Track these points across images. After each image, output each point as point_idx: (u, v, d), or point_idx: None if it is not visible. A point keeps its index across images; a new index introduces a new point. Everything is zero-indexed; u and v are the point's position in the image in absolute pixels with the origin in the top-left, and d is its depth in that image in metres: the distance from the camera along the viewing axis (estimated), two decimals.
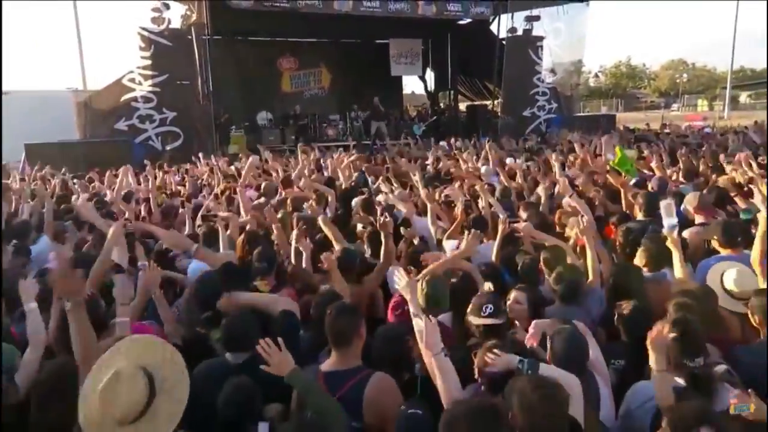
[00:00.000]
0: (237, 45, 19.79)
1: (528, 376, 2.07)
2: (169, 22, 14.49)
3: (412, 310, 2.50)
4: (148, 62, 14.17)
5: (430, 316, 2.43)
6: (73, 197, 6.96)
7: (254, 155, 9.16)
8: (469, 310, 2.83)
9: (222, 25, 16.04)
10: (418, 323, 2.36)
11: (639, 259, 3.72)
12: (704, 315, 2.72)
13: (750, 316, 2.86)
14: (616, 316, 2.91)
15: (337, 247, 4.15)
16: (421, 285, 3.15)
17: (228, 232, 4.47)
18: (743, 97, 46.44)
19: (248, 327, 2.74)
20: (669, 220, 3.93)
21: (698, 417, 1.86)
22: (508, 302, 3.07)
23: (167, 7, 14.41)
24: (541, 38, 19.13)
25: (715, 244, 3.99)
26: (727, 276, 3.20)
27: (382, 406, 2.31)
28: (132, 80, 14.20)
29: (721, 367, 2.43)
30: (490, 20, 19.14)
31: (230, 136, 16.90)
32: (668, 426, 1.89)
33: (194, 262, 4.02)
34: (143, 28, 14.11)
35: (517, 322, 3.09)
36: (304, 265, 3.89)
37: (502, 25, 18.87)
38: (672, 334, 2.34)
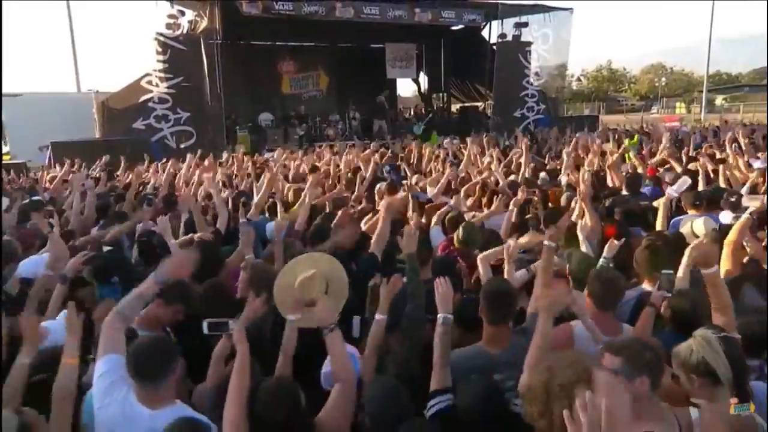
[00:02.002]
0: (240, 49, 20.65)
1: None
2: (184, 28, 15.36)
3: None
4: (165, 65, 15.02)
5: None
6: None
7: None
8: None
9: (227, 31, 16.92)
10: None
11: None
12: (674, 248, 3.74)
13: None
14: None
15: None
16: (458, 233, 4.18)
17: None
18: (719, 100, 48.21)
19: None
20: (671, 190, 4.99)
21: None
22: None
23: (182, 13, 15.32)
24: (529, 43, 20.29)
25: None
26: (696, 224, 4.24)
27: None
28: (149, 82, 15.07)
29: None
30: (482, 26, 20.19)
31: (237, 135, 17.77)
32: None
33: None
34: (160, 34, 14.98)
35: None
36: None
37: (493, 31, 20.07)
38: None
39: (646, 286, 3.40)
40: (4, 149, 18.66)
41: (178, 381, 2.35)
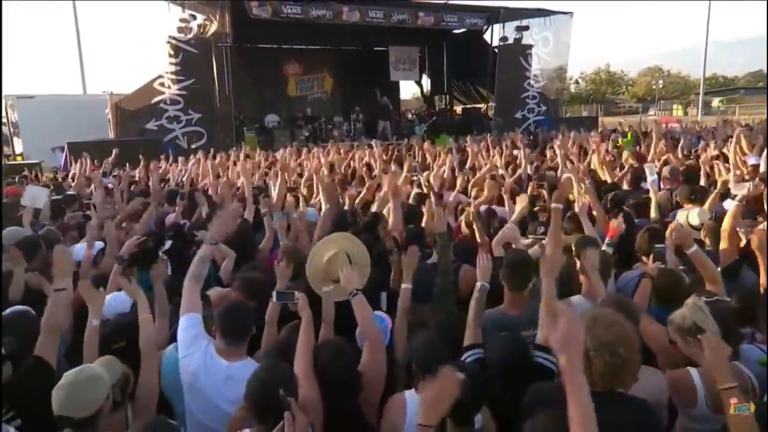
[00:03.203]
0: (247, 52, 20.97)
1: None
2: (195, 32, 15.70)
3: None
4: (177, 68, 15.36)
5: None
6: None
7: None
8: None
9: (236, 34, 17.25)
10: None
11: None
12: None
13: (702, 236, 4.21)
14: None
15: None
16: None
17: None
18: (715, 102, 48.58)
19: None
20: (651, 176, 5.33)
21: None
22: None
23: (194, 17, 15.66)
24: (530, 46, 20.66)
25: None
26: (691, 214, 4.55)
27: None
28: (161, 84, 15.41)
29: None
30: (483, 30, 20.58)
31: (245, 136, 18.09)
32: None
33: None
34: (172, 37, 15.31)
35: None
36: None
37: (495, 35, 20.42)
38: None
39: (645, 264, 3.72)
40: (17, 150, 18.98)
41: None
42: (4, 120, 21.41)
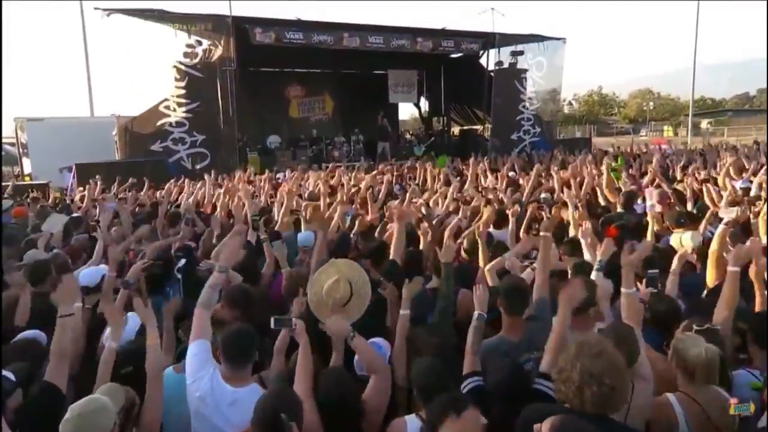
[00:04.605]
0: (250, 75, 21.14)
1: None
2: (201, 56, 15.88)
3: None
4: (182, 91, 15.49)
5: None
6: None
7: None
8: None
9: (240, 58, 17.41)
10: None
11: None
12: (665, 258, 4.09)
13: (694, 259, 4.24)
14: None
15: None
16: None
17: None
18: (704, 123, 48.98)
19: None
20: (650, 201, 5.39)
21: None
22: None
23: (200, 43, 15.85)
24: (525, 70, 20.86)
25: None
26: (684, 238, 4.59)
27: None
28: (167, 107, 15.52)
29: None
30: (479, 54, 20.76)
31: (248, 156, 18.17)
32: None
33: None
34: (179, 62, 15.47)
35: None
36: None
37: (490, 59, 20.55)
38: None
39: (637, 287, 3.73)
40: (26, 170, 19.04)
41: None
42: (11, 141, 21.58)
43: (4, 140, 24.27)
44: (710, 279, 3.74)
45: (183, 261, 4.43)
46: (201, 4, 17.65)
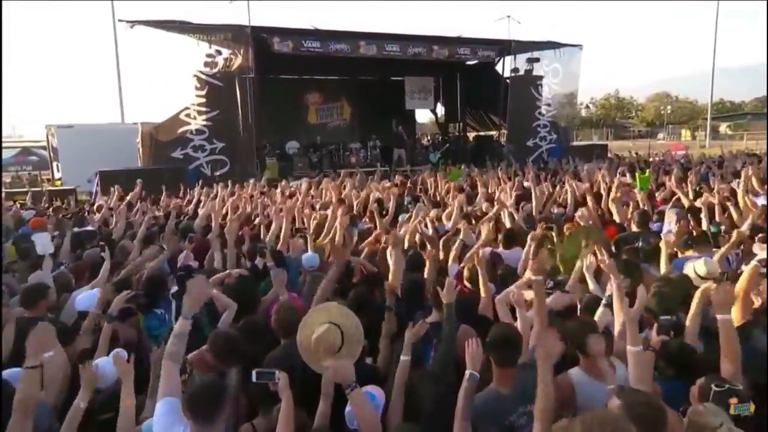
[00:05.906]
0: (269, 82, 21.08)
1: None
2: (221, 65, 15.84)
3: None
4: (203, 100, 15.46)
5: None
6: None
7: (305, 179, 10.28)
8: None
9: (259, 66, 17.37)
10: None
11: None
12: (681, 291, 3.74)
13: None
14: None
15: None
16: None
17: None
18: (723, 127, 47.68)
19: None
20: (669, 225, 5.02)
21: None
22: None
23: (219, 52, 15.82)
24: (540, 77, 20.41)
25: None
26: (698, 265, 4.22)
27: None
28: (188, 115, 15.50)
29: None
30: (495, 61, 20.38)
31: (266, 163, 18.09)
32: None
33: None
34: (200, 71, 15.44)
35: None
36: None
37: (506, 66, 20.22)
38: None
39: (650, 331, 3.40)
40: (56, 175, 19.26)
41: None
42: (43, 145, 21.87)
43: (36, 144, 24.80)
44: (735, 319, 3.38)
45: (176, 288, 4.18)
46: (221, 15, 17.66)
